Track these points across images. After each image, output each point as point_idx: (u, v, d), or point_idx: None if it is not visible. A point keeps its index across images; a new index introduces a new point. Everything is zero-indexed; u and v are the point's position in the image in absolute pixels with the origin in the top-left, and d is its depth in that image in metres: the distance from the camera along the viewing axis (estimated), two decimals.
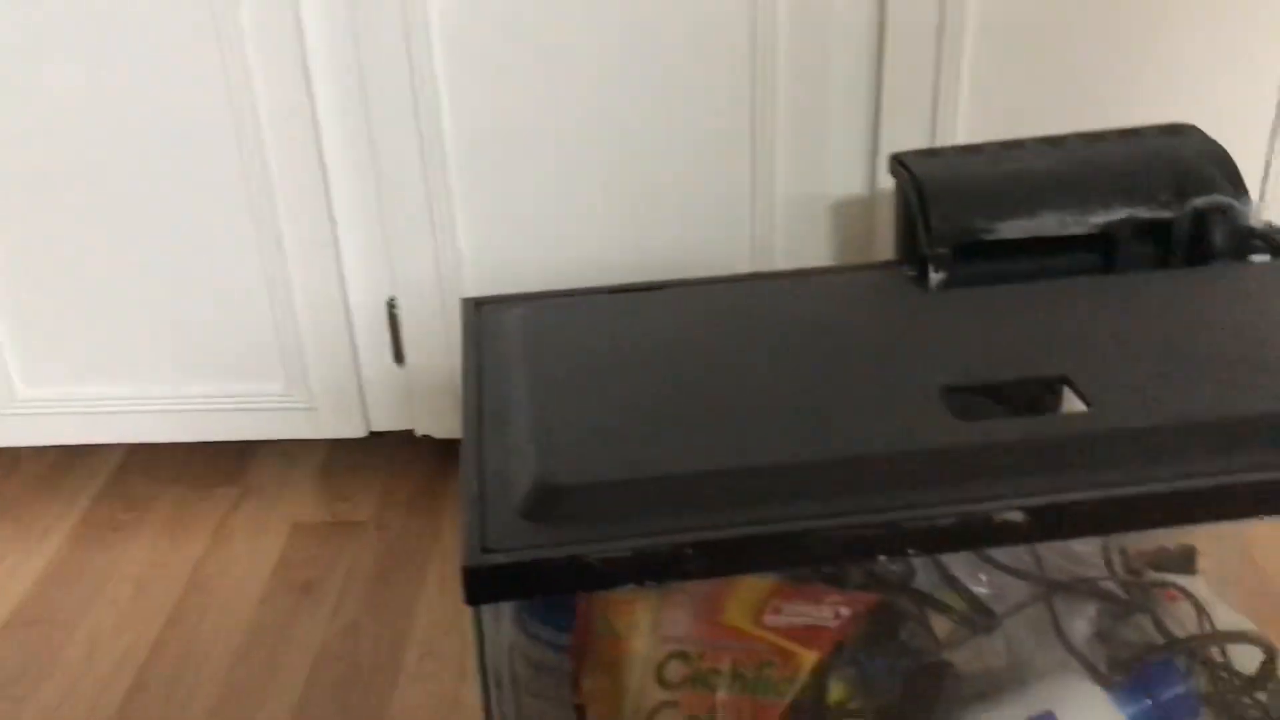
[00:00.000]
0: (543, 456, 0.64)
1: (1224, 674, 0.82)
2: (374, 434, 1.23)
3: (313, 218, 1.12)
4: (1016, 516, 0.60)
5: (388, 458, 1.33)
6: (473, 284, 1.15)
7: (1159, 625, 0.82)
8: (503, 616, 0.61)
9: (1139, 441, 0.63)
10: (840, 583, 0.75)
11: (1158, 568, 0.92)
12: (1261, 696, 0.84)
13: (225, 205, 1.12)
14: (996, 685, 0.78)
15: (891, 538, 0.59)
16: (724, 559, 0.59)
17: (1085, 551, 0.87)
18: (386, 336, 1.18)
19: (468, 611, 1.05)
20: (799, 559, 0.60)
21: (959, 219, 0.84)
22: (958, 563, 0.83)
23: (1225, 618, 0.87)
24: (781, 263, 1.12)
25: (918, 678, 0.74)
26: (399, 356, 1.19)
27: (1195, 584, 0.90)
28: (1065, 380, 0.68)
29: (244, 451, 1.34)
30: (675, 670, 0.64)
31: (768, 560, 0.60)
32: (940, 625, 0.81)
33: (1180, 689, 0.72)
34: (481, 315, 0.81)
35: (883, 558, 0.60)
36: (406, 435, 1.25)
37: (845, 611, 0.65)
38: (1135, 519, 0.61)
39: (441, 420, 1.23)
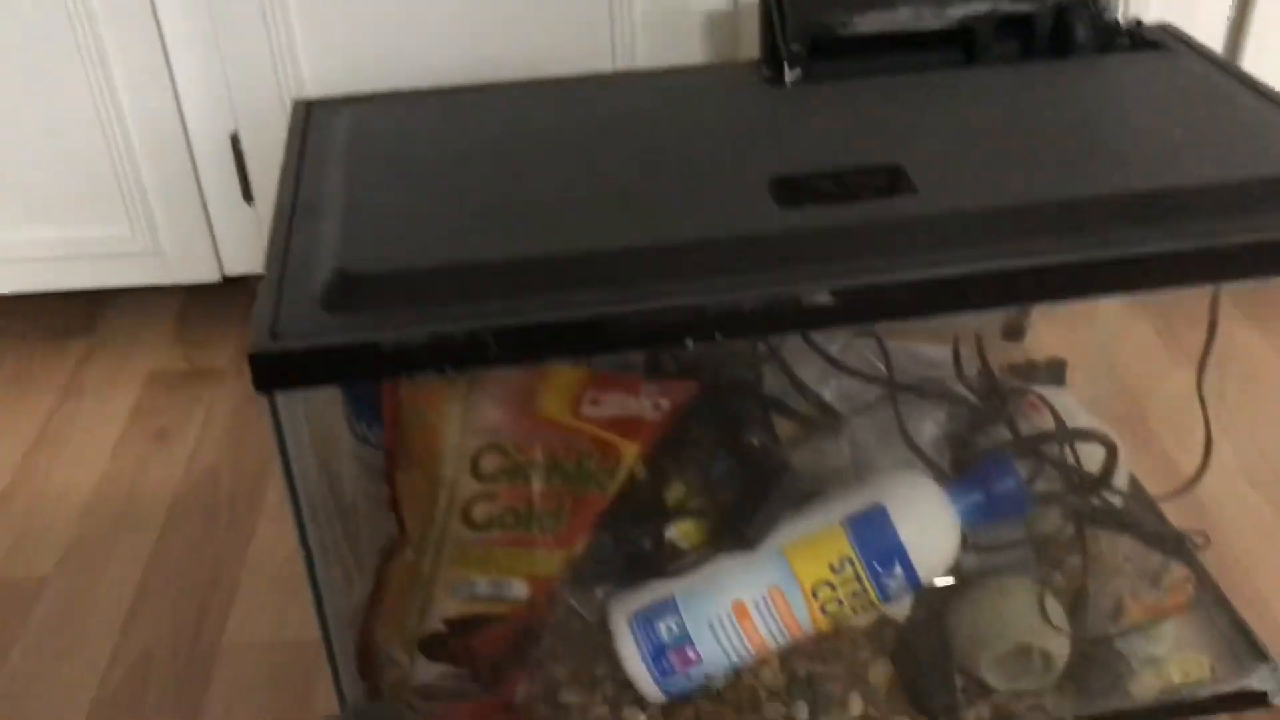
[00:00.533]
0: (347, 246, 0.61)
1: (1074, 475, 0.83)
2: (229, 279, 1.18)
3: (143, 46, 1.05)
4: (825, 299, 0.58)
5: (243, 303, 1.27)
6: None
7: (1011, 427, 0.83)
8: (298, 406, 0.60)
9: (959, 225, 0.62)
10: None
11: (1028, 378, 0.92)
12: (1112, 496, 0.85)
13: (47, 32, 1.04)
14: (838, 485, 0.79)
15: (696, 321, 0.58)
16: (524, 346, 0.57)
17: (938, 356, 0.87)
18: (233, 174, 1.12)
19: None
20: (602, 345, 0.58)
21: (814, 14, 0.80)
22: (806, 367, 0.83)
23: (1083, 422, 0.87)
24: None
25: (755, 477, 0.74)
26: (248, 194, 1.14)
27: (1062, 396, 0.90)
28: (898, 168, 0.66)
29: (96, 302, 1.27)
30: (491, 462, 0.63)
31: (570, 347, 0.58)
32: (785, 426, 0.80)
33: (1011, 483, 0.73)
34: (311, 116, 0.78)
35: (690, 343, 0.58)
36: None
37: (665, 403, 0.64)
38: (944, 301, 0.60)
39: None
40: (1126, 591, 0.84)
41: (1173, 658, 0.83)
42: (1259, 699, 0.82)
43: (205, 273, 1.17)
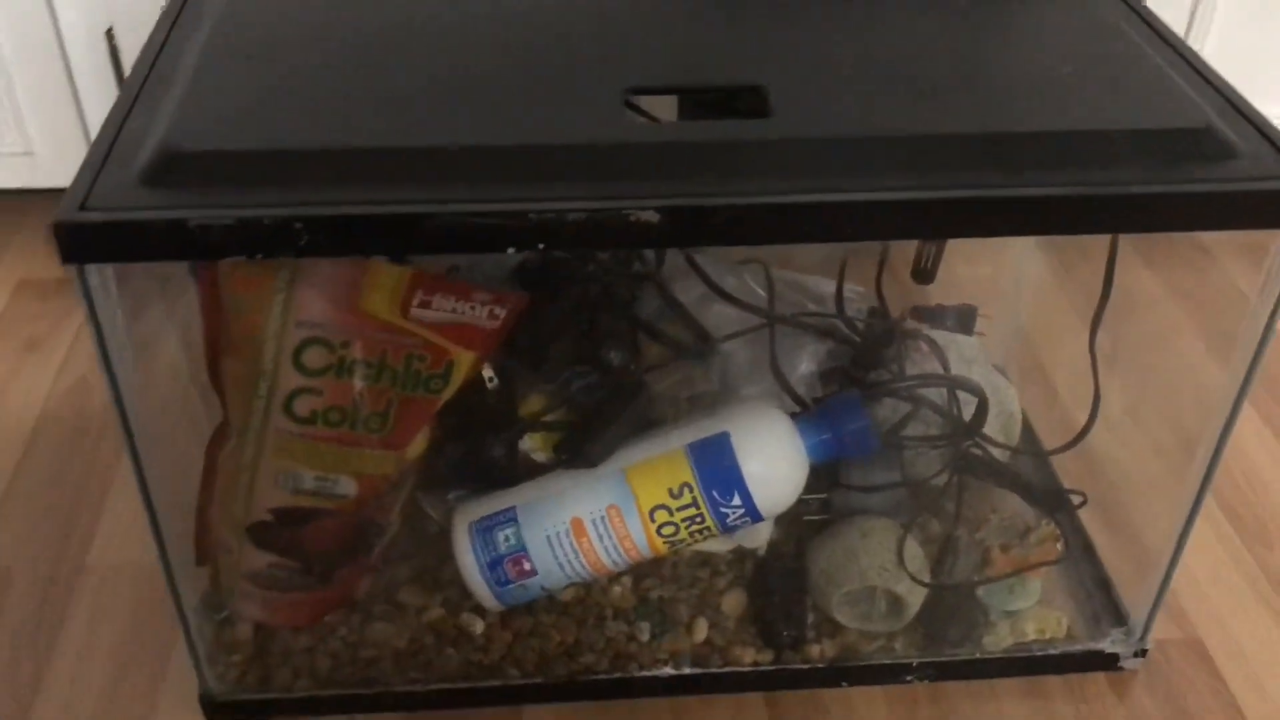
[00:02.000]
0: (179, 121, 0.60)
1: (948, 423, 0.81)
2: None
3: None
4: (651, 216, 0.57)
5: None
6: None
7: (884, 368, 0.81)
8: (110, 283, 0.59)
9: (803, 151, 0.60)
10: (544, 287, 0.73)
11: (934, 322, 0.90)
12: (990, 448, 0.84)
13: None
14: (701, 410, 0.78)
15: (518, 228, 0.56)
16: (336, 237, 0.56)
17: (829, 291, 0.85)
18: (109, 70, 1.07)
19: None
20: (417, 244, 0.57)
21: None
22: (688, 292, 0.81)
23: (981, 371, 0.86)
24: None
25: (609, 396, 0.73)
26: None
27: (969, 345, 0.88)
28: (759, 89, 0.64)
29: None
30: (315, 357, 0.62)
31: (384, 243, 0.57)
32: (654, 349, 0.79)
33: (861, 423, 0.71)
34: None
35: (511, 250, 0.57)
36: None
37: (500, 312, 0.63)
38: (772, 230, 0.58)
39: None
40: (995, 543, 0.84)
41: (1032, 613, 0.82)
42: (1109, 661, 0.81)
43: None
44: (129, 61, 1.06)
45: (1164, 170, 0.60)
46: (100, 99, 1.08)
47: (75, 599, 0.84)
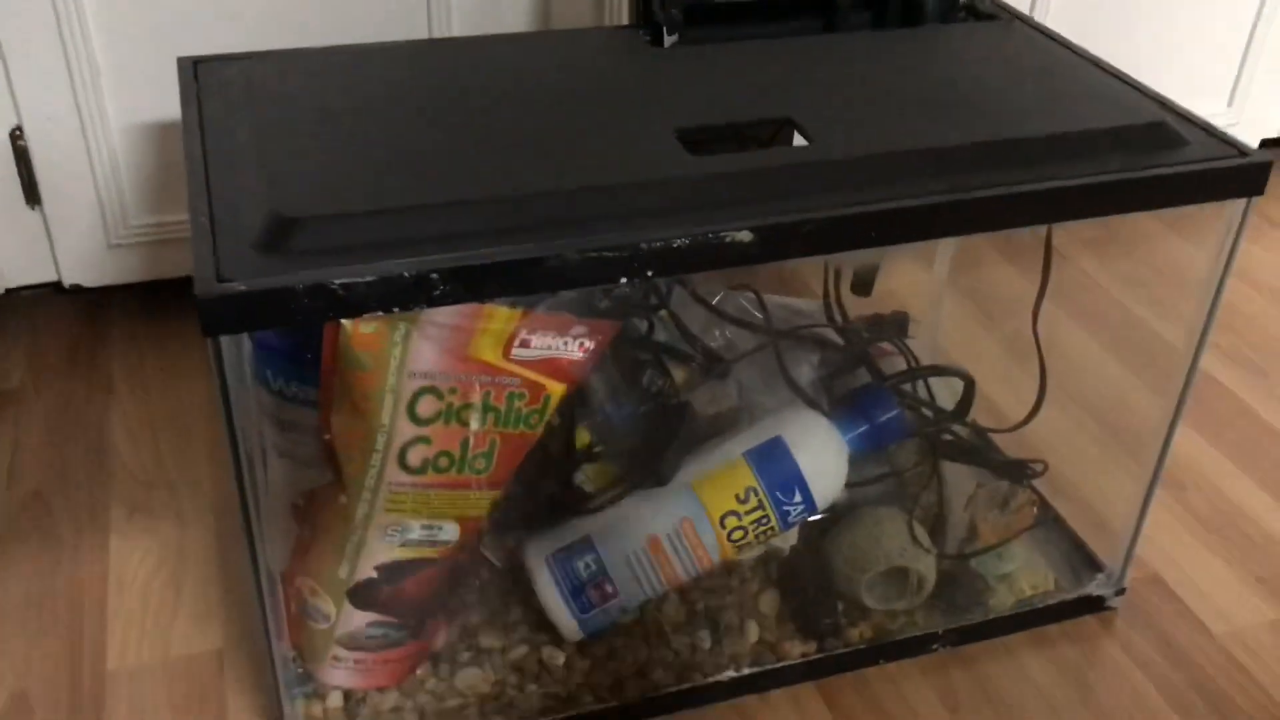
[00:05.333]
0: (274, 191, 0.62)
1: (928, 411, 0.90)
2: (9, 290, 1.08)
3: None
4: (745, 236, 0.63)
5: (29, 315, 1.17)
6: (116, 104, 1.02)
7: (872, 369, 0.90)
8: (243, 354, 0.60)
9: (854, 169, 0.67)
10: None
11: (875, 331, 0.99)
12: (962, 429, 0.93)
13: None
14: (730, 424, 0.84)
15: (632, 260, 0.61)
16: (472, 283, 0.59)
17: (809, 309, 0.93)
18: (13, 174, 1.02)
19: (174, 463, 1.00)
20: (545, 283, 0.61)
21: None
22: (693, 318, 0.87)
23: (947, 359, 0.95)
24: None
25: (660, 418, 0.78)
26: (33, 197, 1.04)
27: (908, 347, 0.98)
28: (790, 120, 0.71)
29: None
30: (426, 406, 0.64)
31: (511, 285, 0.60)
32: (677, 373, 0.85)
33: (894, 412, 0.79)
34: (199, 73, 0.77)
35: (624, 280, 0.62)
36: (50, 287, 1.09)
37: (589, 344, 0.67)
38: (851, 237, 0.65)
39: (94, 265, 1.09)
40: (979, 516, 0.93)
41: (1021, 573, 0.92)
42: (1096, 604, 0.92)
43: None
44: (41, 163, 1.03)
45: (1140, 158, 0.71)
46: (6, 205, 1.04)
47: (109, 708, 0.81)
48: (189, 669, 0.83)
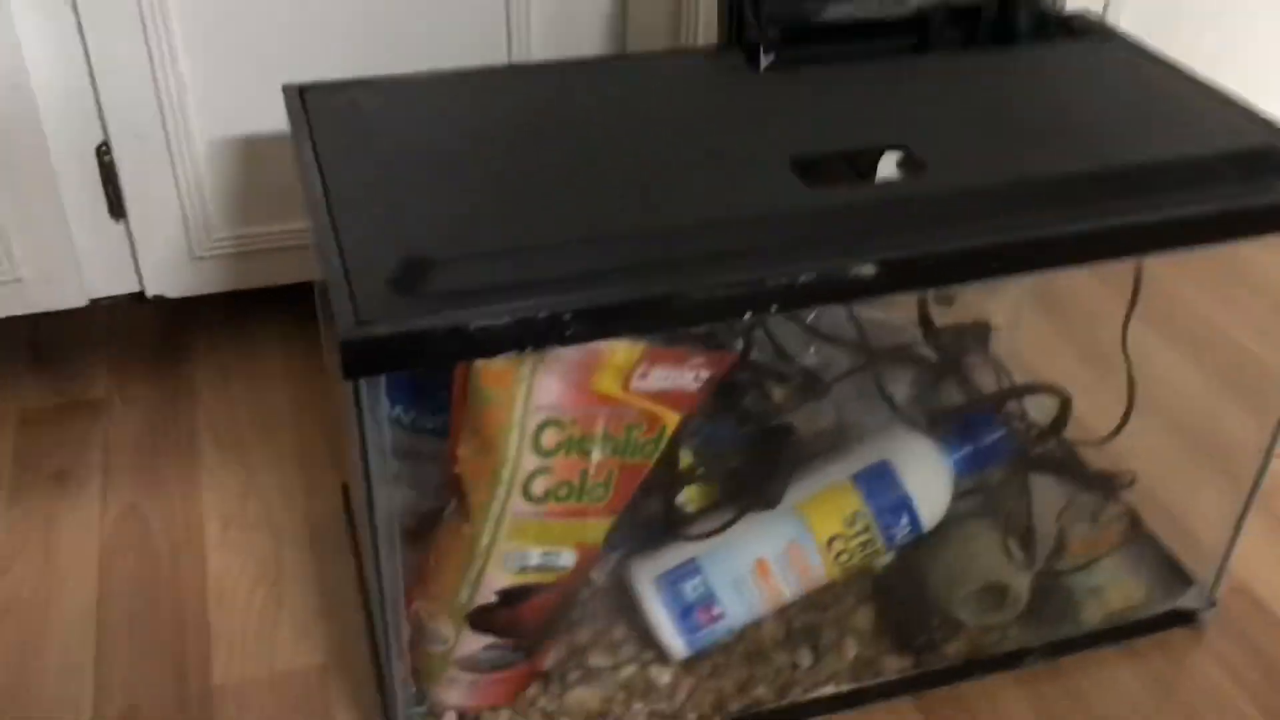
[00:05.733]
0: (406, 231, 0.63)
1: (1022, 425, 0.91)
2: (93, 300, 1.06)
3: None
4: (869, 270, 0.63)
5: (110, 326, 1.19)
6: (200, 119, 1.02)
7: (969, 386, 0.90)
8: (380, 394, 0.61)
9: (976, 199, 0.67)
10: None
11: (959, 342, 1.00)
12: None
13: None
14: (829, 445, 0.84)
15: (758, 295, 0.62)
16: (603, 322, 0.60)
17: (901, 324, 0.93)
18: (99, 188, 1.03)
19: (265, 473, 1.02)
20: (672, 320, 0.61)
21: (788, 3, 0.85)
22: (789, 338, 0.88)
23: (1027, 375, 0.95)
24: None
25: (764, 440, 0.79)
26: (118, 210, 1.05)
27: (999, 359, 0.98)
28: (903, 148, 0.71)
29: None
30: (550, 438, 0.65)
31: (639, 324, 0.61)
32: (775, 393, 0.85)
33: (999, 434, 0.80)
34: (307, 102, 0.77)
35: (748, 315, 0.62)
36: (132, 299, 1.08)
37: (705, 374, 0.67)
38: (977, 268, 0.66)
39: (177, 277, 1.08)
40: (1070, 530, 0.93)
41: (1112, 586, 0.92)
42: (1187, 617, 0.92)
43: (69, 298, 1.06)
44: (127, 176, 1.04)
45: (1259, 182, 0.71)
46: (91, 217, 1.04)
47: None
48: (294, 684, 0.85)
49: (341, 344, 0.57)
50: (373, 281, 0.60)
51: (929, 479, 0.78)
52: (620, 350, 0.64)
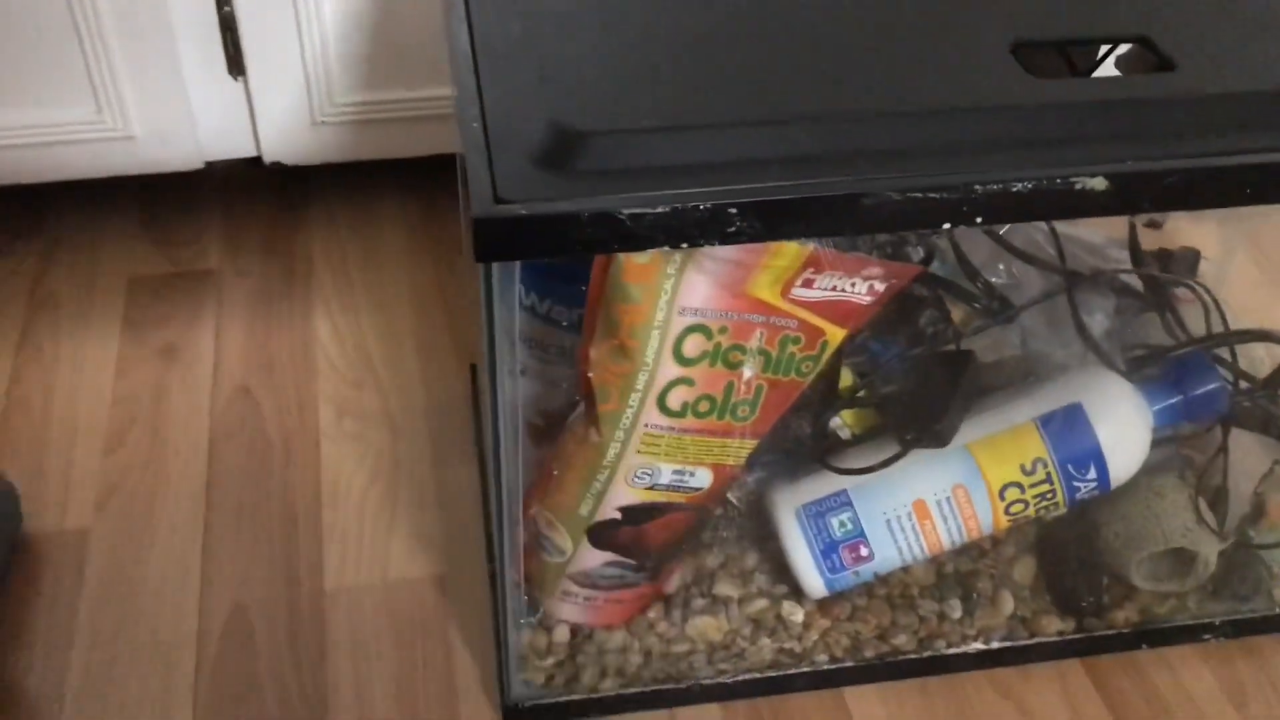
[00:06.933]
0: (558, 99, 0.55)
1: (1234, 374, 0.79)
2: (209, 164, 1.01)
3: None
4: (1099, 184, 0.53)
5: (225, 193, 1.12)
6: None
7: (1179, 324, 0.78)
8: (514, 279, 0.53)
9: (1228, 108, 0.56)
10: None
11: (1163, 268, 0.88)
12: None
13: None
14: (1010, 378, 0.74)
15: (961, 204, 0.52)
16: (775, 221, 0.51)
17: (1103, 244, 0.82)
18: (217, 42, 0.96)
19: (381, 360, 0.95)
20: (856, 225, 0.53)
21: None
22: (977, 251, 0.77)
23: (1235, 319, 0.83)
24: None
25: (939, 367, 0.70)
26: (237, 67, 0.97)
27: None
28: (1145, 40, 0.60)
29: (39, 196, 1.05)
30: (693, 345, 0.57)
31: (822, 225, 0.52)
32: (954, 314, 0.76)
33: (1214, 385, 0.69)
34: None
35: (946, 226, 0.53)
36: (249, 164, 1.03)
37: (881, 286, 0.58)
38: (1223, 192, 0.55)
39: (296, 142, 1.02)
40: (1271, 497, 0.82)
41: None
42: None
43: (184, 159, 1.00)
44: (246, 29, 0.96)
45: None
46: (208, 75, 0.98)
47: (330, 630, 0.77)
48: (408, 592, 0.80)
49: (475, 223, 0.49)
50: (516, 154, 0.53)
51: (1125, 429, 0.68)
52: (785, 251, 0.55)
